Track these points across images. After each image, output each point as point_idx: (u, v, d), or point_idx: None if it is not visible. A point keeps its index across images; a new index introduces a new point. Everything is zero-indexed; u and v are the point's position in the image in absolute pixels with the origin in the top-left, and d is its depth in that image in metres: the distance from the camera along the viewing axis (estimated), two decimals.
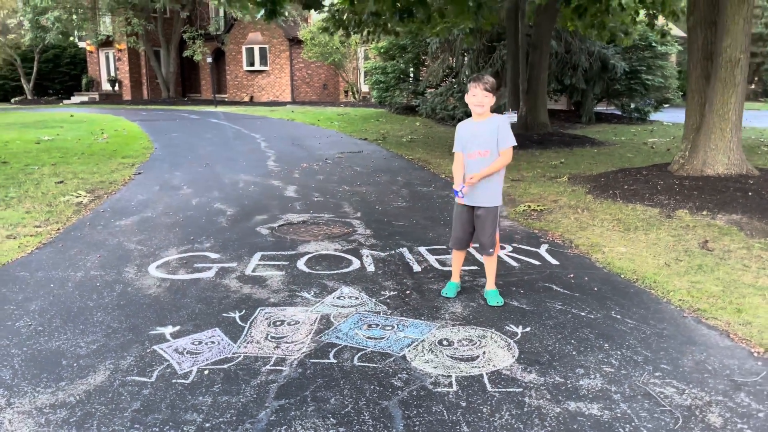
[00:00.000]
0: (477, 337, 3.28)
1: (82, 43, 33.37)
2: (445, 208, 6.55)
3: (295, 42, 28.61)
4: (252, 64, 30.24)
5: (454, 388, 2.74)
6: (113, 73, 32.25)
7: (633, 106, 17.97)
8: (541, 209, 6.39)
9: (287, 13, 24.16)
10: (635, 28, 11.54)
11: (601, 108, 19.55)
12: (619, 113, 18.83)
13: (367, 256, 4.79)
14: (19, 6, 29.36)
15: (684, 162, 7.59)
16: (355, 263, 4.61)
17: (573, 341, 3.24)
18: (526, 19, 13.11)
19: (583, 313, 3.62)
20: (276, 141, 13.36)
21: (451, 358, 3.03)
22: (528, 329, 3.40)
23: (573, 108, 18.91)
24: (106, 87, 32.44)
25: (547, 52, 13.88)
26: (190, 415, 2.53)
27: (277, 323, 3.46)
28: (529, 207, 6.45)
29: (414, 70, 20.04)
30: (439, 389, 2.73)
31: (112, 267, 4.53)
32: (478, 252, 3.92)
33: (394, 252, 4.92)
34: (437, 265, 4.56)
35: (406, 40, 18.74)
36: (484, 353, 3.08)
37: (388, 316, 3.58)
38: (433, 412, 2.55)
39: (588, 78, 16.65)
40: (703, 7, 7.55)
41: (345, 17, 11.66)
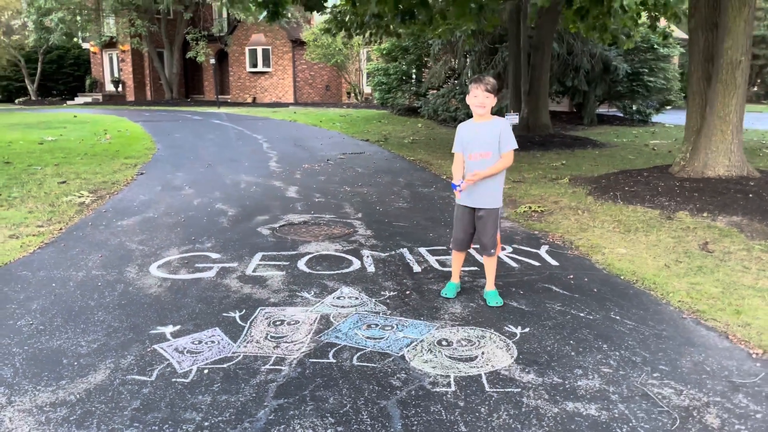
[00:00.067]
0: (476, 338, 3.29)
1: (85, 44, 33.47)
2: (446, 209, 6.56)
3: (297, 43, 28.67)
4: (255, 66, 30.30)
5: (453, 388, 2.75)
6: (117, 74, 32.36)
7: (635, 108, 17.96)
8: (541, 210, 6.40)
9: (290, 14, 24.23)
10: (637, 30, 11.54)
11: (602, 110, 19.55)
12: (620, 115, 18.83)
13: (367, 257, 4.81)
14: (23, 7, 29.47)
15: (685, 164, 7.60)
16: (356, 264, 4.63)
17: (572, 342, 3.25)
18: (528, 20, 13.11)
19: (582, 314, 3.63)
20: (278, 142, 13.38)
21: (449, 358, 3.04)
22: (527, 330, 3.41)
23: (575, 110, 18.91)
24: (110, 88, 32.55)
25: (548, 53, 13.89)
26: (190, 414, 2.54)
27: (277, 323, 3.48)
28: (529, 208, 6.45)
29: (416, 71, 20.07)
30: (437, 389, 2.74)
31: (113, 267, 4.55)
32: (479, 252, 3.93)
33: (394, 252, 4.93)
34: (437, 266, 4.57)
35: (409, 42, 18.78)
36: (483, 353, 3.09)
37: (387, 317, 3.59)
38: (431, 412, 2.56)
39: (590, 80, 16.66)
40: (705, 10, 7.56)
41: (347, 19, 11.69)
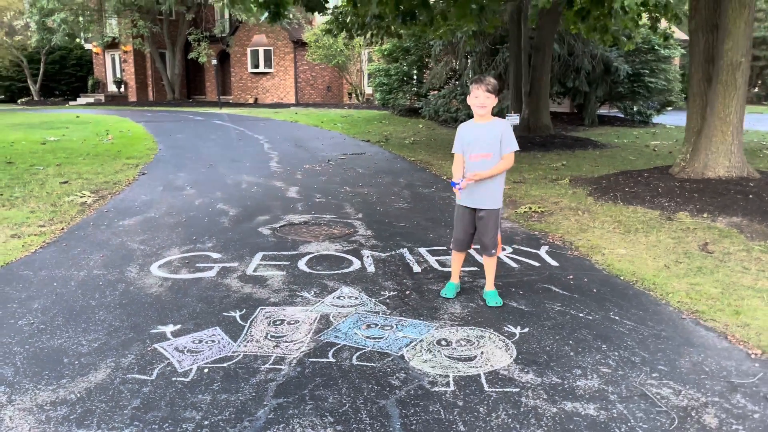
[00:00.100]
0: (475, 338, 3.30)
1: (88, 45, 33.56)
2: (446, 209, 6.57)
3: (299, 44, 28.69)
4: (257, 66, 30.33)
5: (452, 388, 2.75)
6: (119, 75, 32.42)
7: (636, 108, 17.95)
8: (541, 211, 6.40)
9: (291, 15, 24.27)
10: (638, 31, 11.54)
11: (603, 111, 19.54)
12: (621, 116, 18.82)
13: (367, 257, 4.82)
14: (25, 8, 29.54)
15: (685, 165, 7.60)
16: (356, 264, 4.64)
17: (571, 342, 3.26)
18: (528, 21, 13.13)
19: (581, 314, 3.64)
20: (279, 142, 13.40)
21: (449, 358, 3.05)
22: (526, 330, 3.41)
23: (576, 110, 18.91)
24: (112, 88, 32.63)
25: (549, 54, 13.90)
26: (189, 413, 2.55)
27: (277, 322, 3.49)
28: (530, 209, 6.46)
29: (417, 72, 20.08)
30: (436, 389, 2.75)
31: (114, 266, 4.56)
32: (480, 252, 3.94)
33: (394, 253, 4.94)
34: (437, 266, 4.58)
35: (410, 43, 18.80)
36: (482, 353, 3.10)
37: (387, 316, 3.60)
38: (430, 412, 2.57)
39: (591, 81, 16.66)
40: (705, 11, 7.56)
41: (348, 20, 11.71)
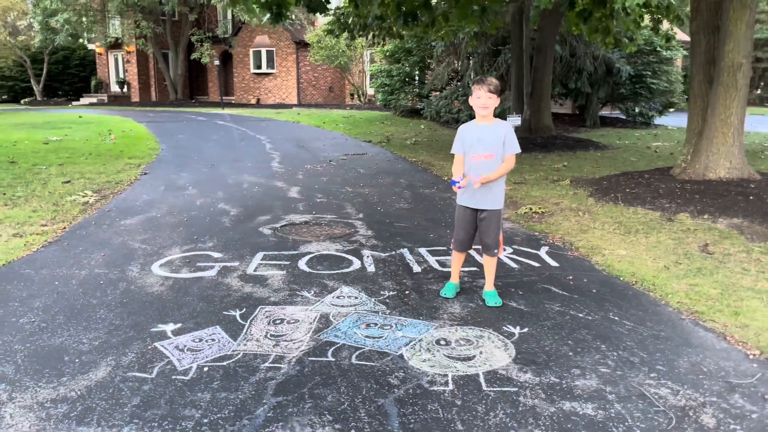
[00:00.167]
0: (474, 337, 3.31)
1: (91, 45, 33.66)
2: (447, 209, 6.58)
3: (301, 45, 28.73)
4: (259, 67, 30.37)
5: (450, 387, 2.76)
6: (122, 75, 32.50)
7: (637, 110, 17.94)
8: (542, 212, 6.41)
9: (294, 16, 24.31)
10: (640, 33, 11.53)
11: (605, 112, 19.53)
12: (623, 117, 18.81)
13: (367, 257, 4.83)
14: (29, 8, 29.64)
15: (686, 166, 7.60)
16: (356, 263, 4.65)
17: (570, 342, 3.26)
18: (530, 23, 13.12)
19: (581, 315, 3.64)
20: (281, 143, 13.43)
21: (447, 357, 3.06)
22: (525, 330, 3.42)
23: (577, 112, 18.91)
24: (115, 89, 32.70)
25: (551, 55, 13.90)
26: (189, 411, 2.56)
27: (277, 321, 3.50)
28: (530, 209, 6.47)
29: (419, 73, 20.09)
30: (435, 388, 2.76)
31: (116, 265, 4.58)
32: (482, 252, 3.95)
33: (394, 253, 4.95)
34: (437, 266, 4.59)
35: (412, 44, 18.81)
36: (481, 353, 3.11)
37: (386, 316, 3.61)
38: (428, 410, 2.58)
39: (593, 82, 16.65)
40: (706, 13, 7.56)
41: (350, 20, 11.72)
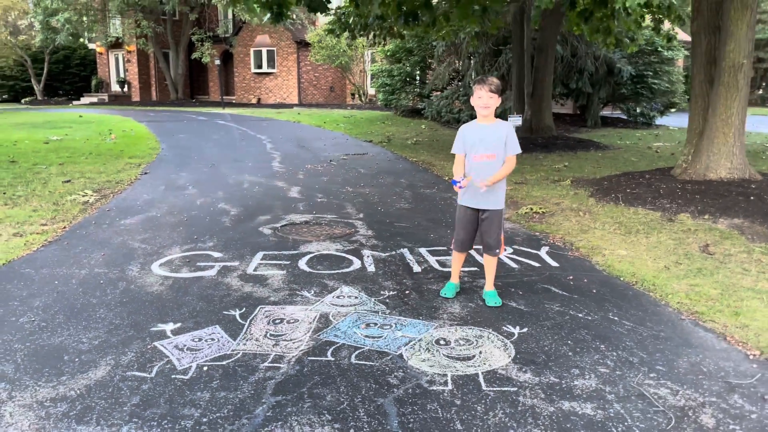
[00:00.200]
0: (474, 337, 3.30)
1: (92, 45, 33.67)
2: (447, 210, 6.58)
3: (302, 45, 28.73)
4: (260, 67, 30.37)
5: (450, 387, 2.76)
6: (122, 75, 32.51)
7: (638, 110, 17.92)
8: (543, 212, 6.40)
9: (294, 16, 24.28)
10: (641, 33, 11.52)
11: (606, 112, 19.52)
12: (624, 117, 18.79)
13: (367, 257, 4.83)
14: (29, 7, 29.66)
15: (687, 166, 7.59)
16: (356, 263, 4.65)
17: (569, 342, 3.26)
18: (531, 22, 13.12)
19: (580, 315, 3.64)
20: (282, 143, 13.43)
21: (447, 357, 3.06)
22: (525, 330, 3.42)
23: (578, 112, 18.89)
24: (115, 88, 32.71)
25: (552, 55, 13.89)
26: (188, 410, 2.56)
27: (277, 321, 3.50)
28: (531, 210, 6.46)
29: (420, 73, 20.08)
30: (434, 387, 2.76)
31: (115, 265, 4.58)
32: (483, 252, 3.95)
33: (395, 253, 4.95)
34: (437, 266, 4.59)
35: (413, 44, 18.80)
36: (481, 353, 3.11)
37: (386, 316, 3.61)
38: (427, 410, 2.58)
39: (594, 82, 16.64)
40: (707, 13, 7.55)
41: (351, 20, 11.72)
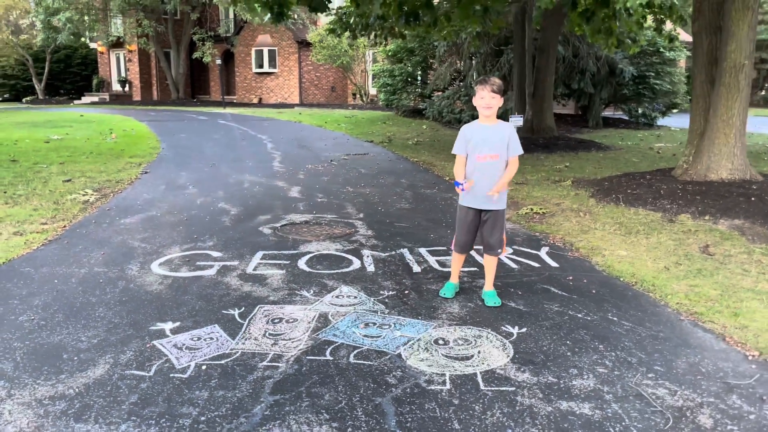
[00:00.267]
0: (472, 337, 3.30)
1: (93, 44, 33.69)
2: (448, 210, 6.58)
3: (303, 44, 28.74)
4: (261, 66, 30.39)
5: (448, 387, 2.76)
6: (123, 74, 32.54)
7: (640, 111, 17.90)
8: (543, 212, 6.40)
9: (296, 15, 24.30)
10: (642, 34, 11.50)
11: (608, 113, 19.51)
12: (626, 118, 18.78)
13: (367, 257, 4.83)
14: (31, 6, 29.70)
15: (688, 167, 7.59)
16: (356, 263, 4.65)
17: (568, 342, 3.26)
18: (533, 23, 13.12)
19: (579, 315, 3.64)
20: (282, 142, 13.43)
21: (445, 356, 3.06)
22: (524, 330, 3.42)
23: (580, 112, 18.88)
24: (117, 87, 32.74)
25: (554, 56, 13.89)
26: (186, 409, 2.57)
27: (276, 321, 3.50)
28: (531, 210, 6.46)
29: (421, 73, 20.08)
30: (432, 387, 2.76)
31: (115, 264, 4.59)
32: (484, 252, 3.95)
33: (394, 253, 4.95)
34: (437, 266, 4.59)
35: (414, 44, 18.80)
36: (479, 353, 3.11)
37: (385, 315, 3.61)
38: (425, 410, 2.58)
39: (595, 82, 16.63)
40: (708, 13, 7.54)
41: (352, 20, 11.72)
